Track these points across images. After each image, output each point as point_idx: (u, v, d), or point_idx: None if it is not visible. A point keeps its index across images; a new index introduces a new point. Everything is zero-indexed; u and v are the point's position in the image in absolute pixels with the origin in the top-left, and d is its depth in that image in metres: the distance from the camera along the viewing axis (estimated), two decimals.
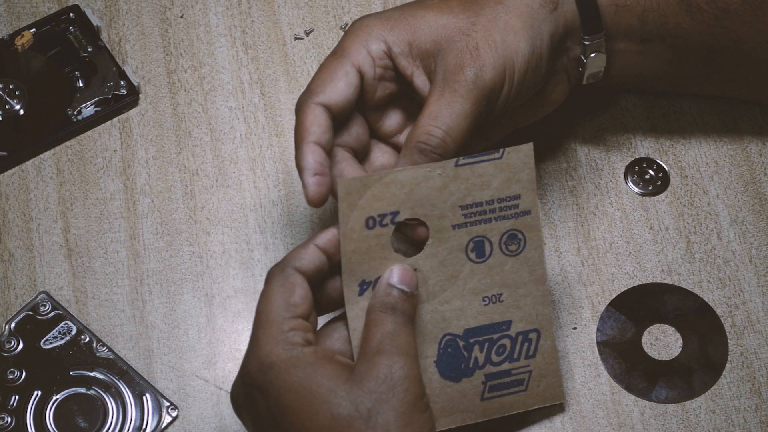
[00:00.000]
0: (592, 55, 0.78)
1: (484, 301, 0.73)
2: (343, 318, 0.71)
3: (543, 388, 0.76)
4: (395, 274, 0.70)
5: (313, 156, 0.71)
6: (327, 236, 0.70)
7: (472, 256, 0.72)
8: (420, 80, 0.74)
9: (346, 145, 0.75)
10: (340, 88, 0.73)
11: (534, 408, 0.76)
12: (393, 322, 0.69)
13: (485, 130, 0.80)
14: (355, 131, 0.75)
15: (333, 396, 0.66)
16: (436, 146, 0.71)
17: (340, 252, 0.69)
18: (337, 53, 0.74)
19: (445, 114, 0.71)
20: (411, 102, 0.76)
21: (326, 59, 0.74)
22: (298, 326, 0.68)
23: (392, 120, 0.77)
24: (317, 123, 0.72)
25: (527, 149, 0.71)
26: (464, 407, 0.74)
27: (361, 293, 0.70)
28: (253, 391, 0.68)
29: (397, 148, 0.78)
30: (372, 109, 0.76)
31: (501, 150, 0.71)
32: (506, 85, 0.73)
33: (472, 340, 0.73)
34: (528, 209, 0.72)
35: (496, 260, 0.73)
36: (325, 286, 0.71)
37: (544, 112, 0.81)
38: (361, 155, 0.76)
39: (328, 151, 0.72)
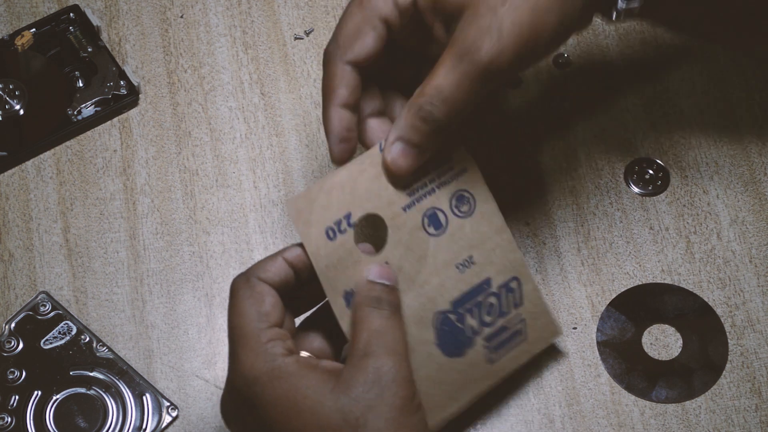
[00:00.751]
0: (623, 17, 0.74)
1: (458, 268, 0.73)
2: (317, 316, 0.71)
3: (540, 329, 0.76)
4: (372, 271, 0.70)
5: (339, 121, 0.71)
6: (295, 252, 0.69)
7: (431, 230, 0.72)
8: (440, 32, 0.71)
9: (375, 112, 0.73)
10: (368, 44, 0.71)
11: (540, 351, 0.76)
12: (379, 317, 0.68)
13: None
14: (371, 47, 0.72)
15: (319, 407, 0.65)
16: (438, 118, 0.69)
17: (316, 272, 0.69)
18: (363, 4, 0.71)
19: (453, 92, 0.68)
20: (425, 61, 0.74)
21: (350, 7, 0.72)
22: (275, 336, 0.67)
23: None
24: (345, 84, 0.71)
25: None
26: (477, 376, 0.74)
27: (348, 305, 0.70)
28: (240, 405, 0.67)
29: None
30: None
31: None
32: (520, 68, 0.70)
33: (461, 310, 0.73)
34: (464, 167, 0.73)
35: (454, 226, 0.73)
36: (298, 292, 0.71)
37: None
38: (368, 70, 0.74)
39: (354, 107, 0.71)
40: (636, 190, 0.85)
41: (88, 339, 0.80)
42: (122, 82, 0.87)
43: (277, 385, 0.66)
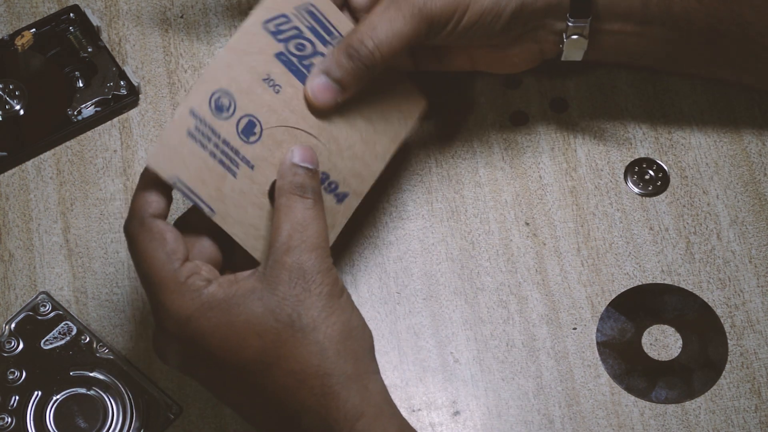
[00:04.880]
0: (573, 36, 0.78)
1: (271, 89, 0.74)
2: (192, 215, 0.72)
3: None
4: (296, 153, 0.71)
5: None
6: (150, 174, 0.69)
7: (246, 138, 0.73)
8: None
9: None
10: None
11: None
12: (303, 207, 0.69)
13: (442, 57, 0.82)
14: None
15: (252, 316, 0.67)
16: (364, 56, 0.73)
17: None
18: None
19: (382, 29, 0.73)
20: None
21: None
22: (191, 270, 0.68)
23: None
24: None
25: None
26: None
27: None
28: (175, 342, 0.69)
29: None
30: None
31: None
32: (451, 24, 0.74)
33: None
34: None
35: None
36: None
37: (506, 70, 0.83)
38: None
39: None
40: (636, 190, 0.85)
41: (88, 339, 0.80)
42: (122, 82, 0.87)
43: (211, 316, 0.67)
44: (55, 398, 0.78)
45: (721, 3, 0.77)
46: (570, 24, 0.77)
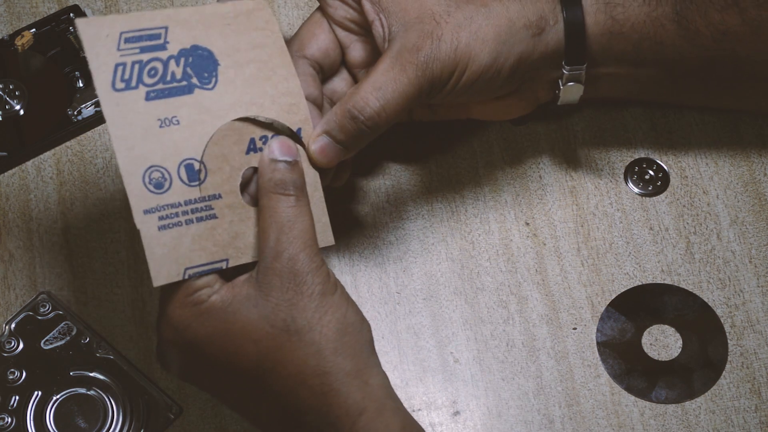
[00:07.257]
0: (570, 84, 0.78)
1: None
2: None
3: None
4: (274, 147, 0.70)
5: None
6: None
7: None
8: (378, 31, 0.75)
9: (313, 58, 0.77)
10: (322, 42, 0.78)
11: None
12: (285, 206, 0.69)
13: (437, 109, 0.82)
14: (325, 45, 0.78)
15: (248, 323, 0.67)
16: (369, 117, 0.72)
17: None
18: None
19: (388, 89, 0.72)
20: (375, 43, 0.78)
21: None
22: (203, 284, 0.68)
23: (357, 52, 0.79)
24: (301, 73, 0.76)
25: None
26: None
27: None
28: (174, 350, 0.69)
29: (356, 81, 0.79)
30: (342, 33, 0.79)
31: None
32: (450, 83, 0.74)
33: None
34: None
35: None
36: None
37: (500, 118, 0.83)
38: (327, 73, 0.78)
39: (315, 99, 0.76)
40: (636, 190, 0.85)
41: (88, 339, 0.80)
42: None
43: (208, 324, 0.67)
44: (55, 398, 0.78)
45: (712, 42, 0.77)
46: (566, 71, 0.77)
